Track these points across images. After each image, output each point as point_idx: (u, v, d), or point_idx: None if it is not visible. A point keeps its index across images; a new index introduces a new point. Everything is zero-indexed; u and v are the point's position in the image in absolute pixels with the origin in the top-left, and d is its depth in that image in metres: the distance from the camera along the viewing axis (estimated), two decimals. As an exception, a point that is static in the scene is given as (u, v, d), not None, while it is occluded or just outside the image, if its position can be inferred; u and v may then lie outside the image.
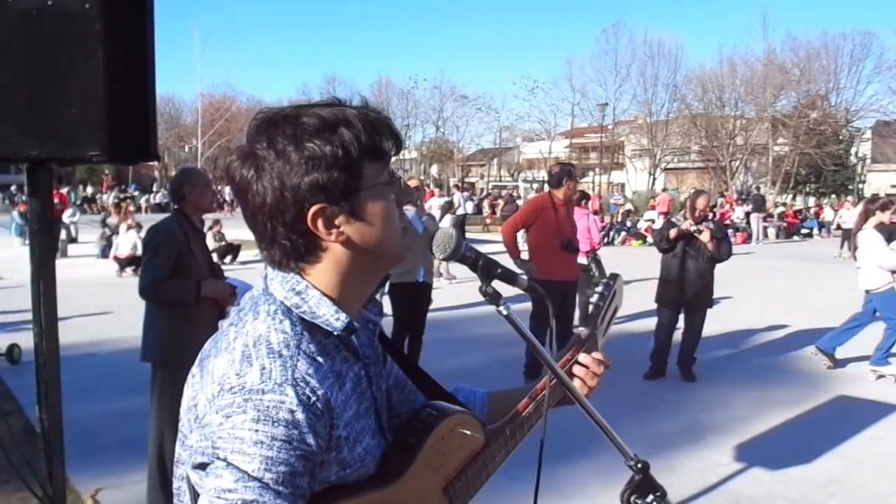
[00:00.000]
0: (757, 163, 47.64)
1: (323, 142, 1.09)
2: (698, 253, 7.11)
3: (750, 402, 6.52)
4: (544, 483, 1.40)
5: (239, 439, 1.01)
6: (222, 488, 1.00)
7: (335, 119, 1.11)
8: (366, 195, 1.14)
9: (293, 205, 1.10)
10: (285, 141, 1.09)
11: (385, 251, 1.20)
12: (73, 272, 13.83)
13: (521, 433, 1.47)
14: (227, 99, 52.69)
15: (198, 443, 1.06)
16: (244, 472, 1.00)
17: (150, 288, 3.85)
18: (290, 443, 1.02)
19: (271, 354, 1.07)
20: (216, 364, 1.10)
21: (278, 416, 1.02)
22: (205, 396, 1.09)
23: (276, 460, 1.01)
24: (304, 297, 1.14)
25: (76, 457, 4.69)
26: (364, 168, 1.13)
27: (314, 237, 1.12)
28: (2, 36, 2.06)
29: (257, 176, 1.10)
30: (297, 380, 1.05)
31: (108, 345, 8.22)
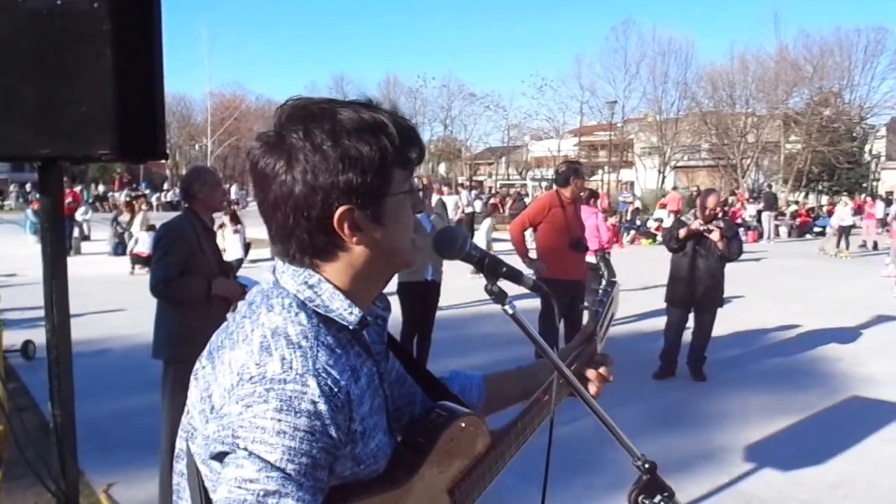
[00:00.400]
0: (768, 161, 47.36)
1: (362, 142, 1.08)
2: (708, 252, 7.08)
3: (761, 403, 6.48)
4: (553, 483, 1.40)
5: (261, 429, 0.99)
6: (244, 478, 0.99)
7: (373, 121, 1.10)
8: (390, 201, 1.14)
9: (322, 202, 1.08)
10: (323, 135, 1.07)
11: (398, 257, 1.21)
12: (86, 270, 13.91)
13: (524, 437, 1.47)
14: (236, 98, 52.89)
15: (215, 433, 1.04)
16: (267, 461, 0.98)
17: (162, 285, 3.87)
18: (313, 434, 1.01)
19: (290, 345, 1.06)
20: (233, 355, 1.09)
21: (301, 407, 1.00)
22: (221, 387, 1.08)
23: (299, 451, 0.99)
24: (317, 290, 1.14)
25: (90, 452, 4.73)
26: (393, 175, 1.13)
27: (335, 236, 1.11)
28: (12, 36, 2.07)
29: (287, 166, 1.08)
30: (318, 370, 1.04)
31: (121, 341, 8.27)
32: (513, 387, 1.57)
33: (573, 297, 6.82)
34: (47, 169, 2.34)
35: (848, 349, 8.58)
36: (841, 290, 13.03)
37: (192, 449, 1.14)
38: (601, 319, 1.68)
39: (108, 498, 4.39)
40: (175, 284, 3.87)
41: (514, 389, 1.57)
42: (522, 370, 1.62)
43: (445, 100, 55.51)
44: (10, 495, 3.75)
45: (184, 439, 1.18)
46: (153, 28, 2.22)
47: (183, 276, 3.88)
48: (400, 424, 1.34)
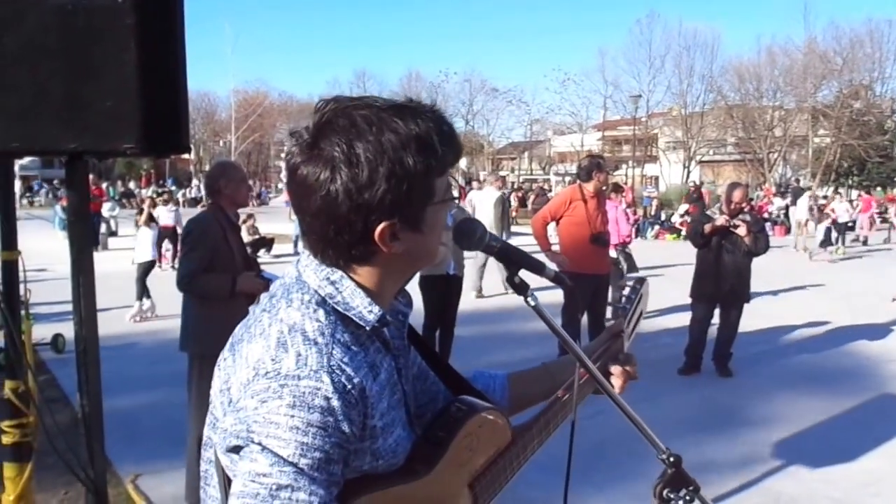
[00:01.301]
0: (796, 155, 46.81)
1: (408, 157, 1.07)
2: (734, 247, 7.00)
3: (789, 399, 6.41)
4: (576, 476, 1.39)
5: (274, 424, 1.01)
6: (257, 472, 1.00)
7: (418, 133, 1.08)
8: (430, 209, 1.14)
9: (364, 217, 1.08)
10: (369, 152, 1.05)
11: (430, 256, 1.21)
12: (113, 265, 14.06)
13: (546, 432, 1.46)
14: (259, 94, 53.26)
15: (232, 426, 1.06)
16: (279, 456, 1.00)
17: (187, 280, 3.91)
18: (326, 429, 1.02)
19: (307, 342, 1.06)
20: (251, 349, 1.10)
21: (314, 403, 1.01)
22: (238, 380, 1.09)
23: (312, 446, 1.01)
24: (339, 286, 1.14)
25: (118, 443, 4.79)
26: (435, 185, 1.13)
27: (373, 245, 1.11)
28: (38, 32, 2.09)
29: (331, 179, 1.06)
30: (332, 367, 1.05)
31: (148, 335, 8.38)
32: (537, 386, 1.55)
33: (595, 291, 6.79)
34: (73, 163, 2.37)
35: (877, 345, 8.45)
36: (870, 286, 12.83)
37: (213, 439, 1.15)
38: (629, 316, 1.66)
39: (135, 489, 4.45)
40: (200, 279, 3.91)
41: (538, 388, 1.55)
42: (547, 368, 1.61)
43: (467, 95, 55.52)
44: (40, 485, 3.81)
45: (209, 428, 1.19)
46: (176, 22, 2.24)
47: (208, 272, 3.92)
48: (422, 422, 1.33)
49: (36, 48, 2.10)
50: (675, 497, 1.28)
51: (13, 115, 2.12)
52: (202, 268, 3.90)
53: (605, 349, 1.58)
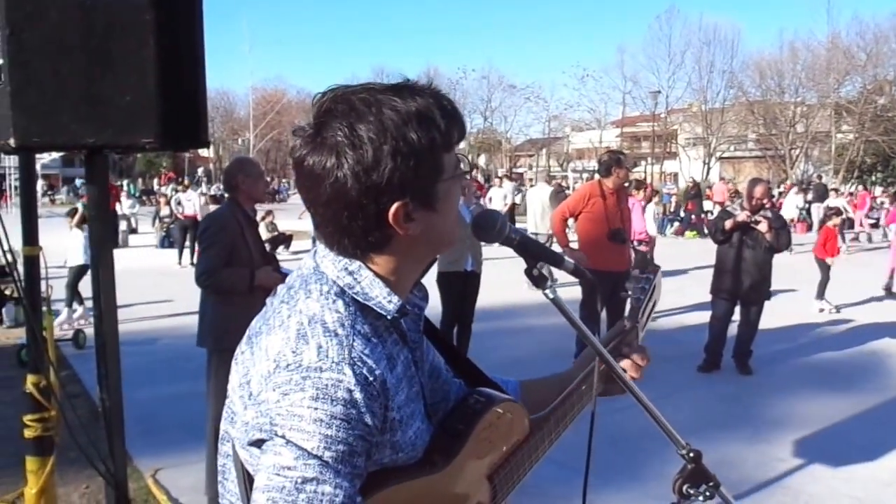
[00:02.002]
0: (818, 151, 46.26)
1: (411, 134, 1.05)
2: (755, 243, 6.93)
3: (809, 397, 6.34)
4: (595, 472, 1.38)
5: (298, 416, 1.00)
6: (281, 465, 0.99)
7: (418, 110, 1.07)
8: (441, 186, 1.12)
9: (376, 199, 1.06)
10: (371, 132, 1.04)
11: (446, 238, 1.19)
12: (134, 262, 14.21)
13: (563, 424, 1.45)
14: (277, 92, 53.51)
15: (253, 419, 1.05)
16: (304, 449, 0.99)
17: (206, 276, 3.93)
18: (349, 422, 1.01)
19: (327, 333, 1.05)
20: (270, 341, 1.08)
21: (337, 395, 1.00)
22: (259, 373, 1.07)
23: (336, 439, 0.99)
24: (357, 277, 1.12)
25: (138, 438, 4.83)
26: (443, 161, 1.11)
27: (389, 229, 1.09)
28: (59, 28, 2.11)
29: (338, 165, 1.05)
30: (353, 359, 1.03)
31: (168, 331, 8.45)
32: (549, 392, 1.52)
33: (614, 288, 6.74)
34: (93, 158, 2.39)
35: (900, 344, 8.34)
36: (893, 283, 12.65)
37: (231, 433, 1.15)
38: (643, 307, 1.65)
39: (155, 482, 4.49)
40: (219, 275, 3.92)
41: (550, 395, 1.51)
42: (561, 375, 1.58)
43: (486, 91, 55.38)
44: (62, 479, 3.85)
45: (227, 422, 1.18)
46: (194, 17, 2.25)
47: (227, 267, 3.93)
48: (435, 419, 1.31)
49: (56, 44, 2.12)
50: (694, 492, 1.27)
51: (34, 110, 2.14)
52: (221, 264, 3.92)
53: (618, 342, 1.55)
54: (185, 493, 4.35)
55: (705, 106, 47.22)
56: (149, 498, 4.31)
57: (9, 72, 2.11)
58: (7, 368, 6.97)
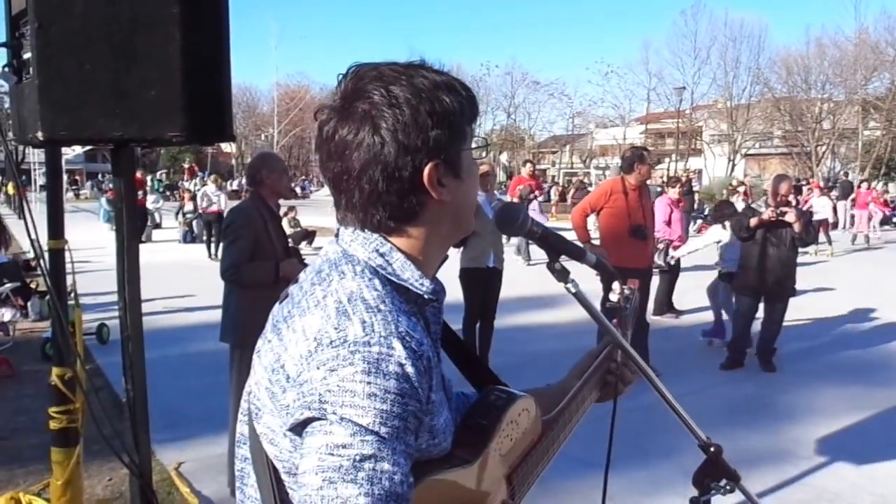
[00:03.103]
0: (845, 148, 45.67)
1: (444, 97, 1.08)
2: (780, 240, 6.86)
3: (832, 396, 6.27)
4: (615, 468, 1.38)
5: (350, 392, 0.95)
6: (335, 444, 0.93)
7: (442, 80, 1.10)
8: (466, 155, 1.14)
9: (412, 160, 1.06)
10: (407, 94, 1.05)
11: (467, 214, 1.19)
12: (158, 256, 14.36)
13: (571, 425, 1.45)
14: (301, 88, 53.72)
15: (296, 401, 1.00)
16: (360, 425, 0.93)
17: (231, 270, 3.95)
18: (403, 396, 0.96)
19: (370, 310, 1.02)
20: (306, 322, 1.05)
21: (388, 369, 0.96)
22: (297, 354, 1.03)
23: (391, 414, 0.95)
24: (389, 258, 1.10)
25: (162, 431, 4.88)
26: (467, 129, 1.13)
27: (423, 195, 1.08)
28: (85, 21, 2.13)
29: (373, 129, 1.05)
30: (401, 333, 1.00)
31: (191, 325, 8.52)
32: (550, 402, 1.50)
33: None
34: (119, 151, 2.41)
35: None
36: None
37: (257, 429, 1.12)
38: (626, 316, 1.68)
39: (178, 475, 4.53)
40: (244, 269, 3.94)
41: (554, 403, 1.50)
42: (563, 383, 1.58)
43: (509, 88, 55.33)
44: (87, 470, 3.90)
45: (245, 423, 1.16)
46: (220, 10, 2.26)
47: (252, 261, 3.95)
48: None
49: (83, 38, 2.14)
50: (715, 486, 1.27)
51: (61, 104, 2.16)
52: (246, 258, 3.94)
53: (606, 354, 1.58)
54: (207, 486, 4.39)
55: (731, 102, 46.84)
56: (172, 490, 4.35)
57: (37, 66, 2.13)
58: (32, 362, 7.08)
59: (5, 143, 2.51)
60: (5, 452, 4.92)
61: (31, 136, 2.23)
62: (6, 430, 5.35)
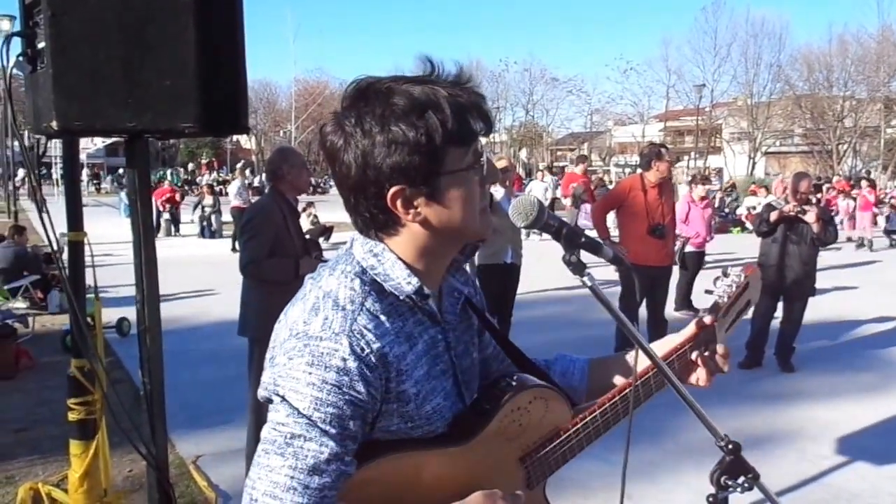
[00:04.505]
0: (867, 146, 45.14)
1: (408, 126, 1.11)
2: (800, 238, 6.78)
3: (853, 395, 6.20)
4: (633, 466, 1.37)
5: (295, 379, 1.11)
6: (277, 421, 1.11)
7: (425, 101, 1.12)
8: (446, 180, 1.16)
9: (374, 183, 1.15)
10: (372, 121, 1.13)
11: (463, 230, 1.23)
12: (178, 252, 14.46)
13: (612, 419, 1.42)
14: (319, 84, 53.80)
15: (266, 379, 1.17)
16: (295, 408, 1.10)
17: (251, 266, 3.96)
18: (340, 388, 1.10)
19: (336, 307, 1.15)
20: (291, 311, 1.21)
21: (330, 363, 1.10)
22: (278, 339, 1.19)
23: (325, 402, 1.10)
24: (381, 259, 1.21)
25: (180, 424, 4.92)
26: (447, 154, 1.14)
27: (393, 214, 1.17)
28: (99, 10, 2.13)
29: (344, 147, 1.15)
30: (353, 332, 1.13)
31: (211, 319, 8.57)
32: (617, 373, 1.52)
33: (653, 283, 6.65)
34: (134, 142, 2.41)
35: None
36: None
37: None
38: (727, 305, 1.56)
39: (196, 469, 4.56)
40: (264, 265, 3.95)
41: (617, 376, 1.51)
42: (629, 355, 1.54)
43: (527, 84, 55.12)
44: (104, 462, 3.93)
45: None
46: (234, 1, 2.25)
47: (271, 257, 3.97)
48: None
49: (97, 27, 2.13)
50: (733, 484, 1.24)
51: (75, 94, 2.17)
52: (265, 253, 3.95)
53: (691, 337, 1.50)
54: (225, 480, 4.41)
55: (751, 100, 46.43)
56: (189, 483, 4.38)
57: (51, 55, 2.13)
58: (52, 353, 7.15)
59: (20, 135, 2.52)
60: (25, 443, 4.98)
61: (45, 125, 2.23)
62: (27, 421, 5.41)
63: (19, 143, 2.94)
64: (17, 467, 4.57)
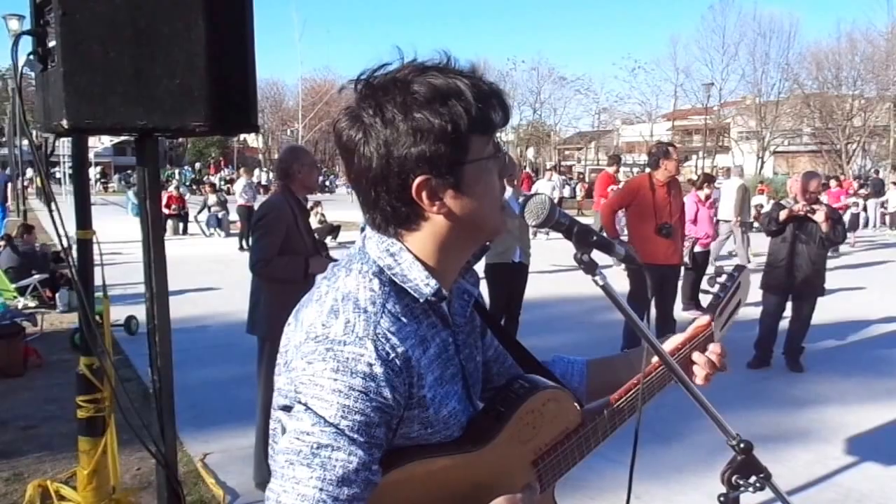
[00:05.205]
0: (876, 145, 44.92)
1: (432, 114, 1.08)
2: (809, 237, 6.75)
3: (862, 395, 6.17)
4: (641, 466, 1.36)
5: (319, 386, 1.05)
6: (301, 430, 1.05)
7: (447, 90, 1.09)
8: (470, 169, 1.12)
9: (398, 174, 1.10)
10: (395, 109, 1.08)
11: (484, 224, 1.19)
12: (186, 250, 14.50)
13: (619, 418, 1.43)
14: (326, 82, 53.77)
15: (284, 385, 1.13)
16: (321, 416, 1.04)
17: (262, 264, 3.96)
18: (367, 394, 1.05)
19: (357, 310, 1.10)
20: (306, 313, 1.16)
21: (357, 368, 1.05)
22: (293, 343, 1.15)
23: (353, 409, 1.04)
24: (398, 259, 1.16)
25: (189, 422, 4.92)
26: (470, 142, 1.12)
27: (416, 206, 1.12)
28: (109, 8, 2.13)
29: (364, 140, 1.10)
30: (377, 335, 1.08)
31: (219, 318, 8.59)
32: (616, 374, 1.52)
33: (663, 282, 6.63)
34: (143, 141, 2.41)
35: None
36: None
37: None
38: (722, 304, 1.60)
39: (204, 466, 4.56)
40: (275, 263, 3.96)
41: (617, 376, 1.51)
42: (628, 356, 1.57)
43: (535, 83, 55.05)
44: (113, 460, 3.94)
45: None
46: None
47: (281, 255, 3.97)
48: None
49: (107, 26, 2.14)
50: (744, 483, 1.24)
51: (86, 92, 2.17)
52: (276, 252, 3.95)
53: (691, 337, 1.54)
54: (232, 478, 4.42)
55: (759, 99, 46.28)
56: (198, 481, 4.38)
57: (62, 54, 2.14)
58: (61, 352, 7.18)
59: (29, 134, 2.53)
60: (34, 441, 5.00)
61: (55, 123, 2.24)
62: (35, 418, 5.43)
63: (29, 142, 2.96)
64: (25, 464, 4.59)
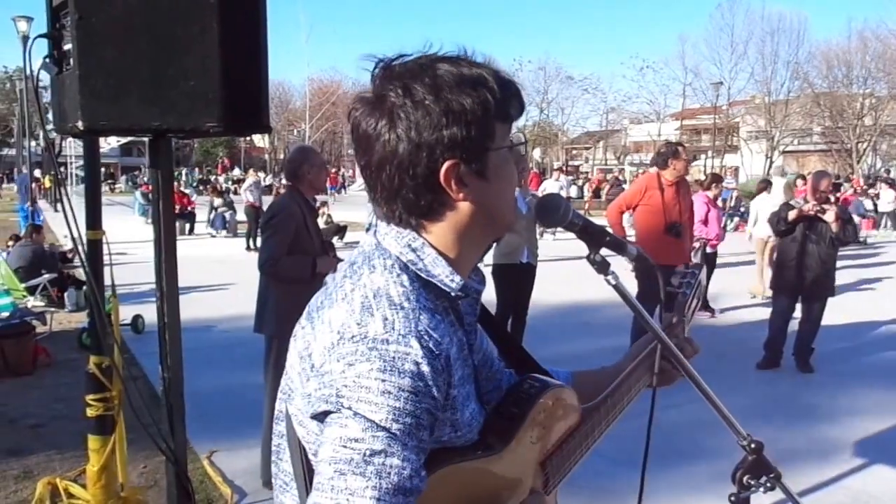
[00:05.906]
0: (887, 145, 44.70)
1: (463, 95, 1.05)
2: (819, 237, 6.72)
3: (872, 398, 6.14)
4: (649, 466, 1.36)
5: (365, 388, 0.98)
6: (349, 437, 0.97)
7: (474, 75, 1.08)
8: (494, 156, 1.11)
9: (427, 158, 1.06)
10: (424, 90, 1.05)
11: (502, 214, 1.17)
12: (194, 250, 14.53)
13: (614, 414, 1.44)
14: (333, 83, 53.86)
15: (317, 391, 1.04)
16: (372, 421, 0.97)
17: (270, 263, 3.98)
18: (417, 395, 0.99)
19: (393, 306, 1.05)
20: (332, 314, 1.09)
21: (404, 367, 0.99)
22: (321, 345, 1.07)
23: (404, 411, 0.98)
24: (420, 254, 1.11)
25: (196, 421, 4.92)
26: (495, 129, 1.10)
27: (442, 194, 1.09)
28: (125, 11, 2.16)
29: (390, 125, 1.06)
30: (420, 332, 1.03)
31: (226, 317, 8.61)
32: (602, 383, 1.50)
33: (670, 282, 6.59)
34: (157, 142, 2.43)
35: None
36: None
37: (289, 410, 1.15)
38: (688, 301, 1.64)
39: (211, 464, 4.58)
40: (283, 263, 3.98)
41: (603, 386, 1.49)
42: (614, 366, 1.56)
43: (542, 83, 54.90)
44: (122, 458, 3.96)
45: (283, 401, 1.19)
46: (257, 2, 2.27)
47: (289, 254, 3.98)
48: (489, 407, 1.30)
49: (123, 28, 2.16)
50: (755, 483, 1.24)
51: (101, 94, 2.19)
52: (284, 252, 3.97)
53: None
54: (239, 476, 4.43)
55: (769, 98, 46.08)
56: (204, 479, 4.40)
57: (77, 56, 2.16)
58: (69, 351, 7.21)
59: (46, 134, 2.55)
60: (43, 439, 5.03)
61: (71, 125, 2.26)
62: (44, 417, 5.46)
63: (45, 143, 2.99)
64: (34, 462, 4.61)
